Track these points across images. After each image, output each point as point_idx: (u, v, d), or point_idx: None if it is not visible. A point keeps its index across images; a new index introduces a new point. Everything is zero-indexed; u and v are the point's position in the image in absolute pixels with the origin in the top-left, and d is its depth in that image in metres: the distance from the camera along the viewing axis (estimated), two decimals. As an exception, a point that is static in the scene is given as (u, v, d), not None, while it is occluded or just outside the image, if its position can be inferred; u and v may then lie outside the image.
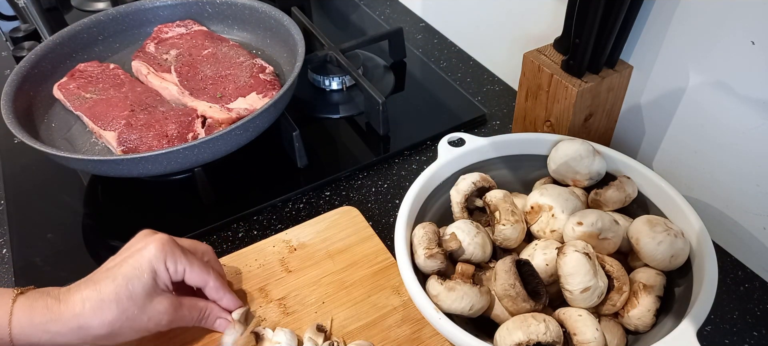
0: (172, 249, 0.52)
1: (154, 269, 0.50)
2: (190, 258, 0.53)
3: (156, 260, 0.50)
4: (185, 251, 0.53)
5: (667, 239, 0.52)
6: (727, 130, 0.61)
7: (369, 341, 0.56)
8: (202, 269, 0.54)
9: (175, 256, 0.52)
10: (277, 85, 0.80)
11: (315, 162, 0.78)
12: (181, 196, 0.75)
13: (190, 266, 0.53)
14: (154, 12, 0.92)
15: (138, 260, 0.50)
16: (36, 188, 0.77)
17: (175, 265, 0.52)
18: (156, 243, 0.51)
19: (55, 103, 0.80)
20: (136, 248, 0.51)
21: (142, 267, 0.50)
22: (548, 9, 0.77)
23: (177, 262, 0.52)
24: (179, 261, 0.52)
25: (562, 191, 0.59)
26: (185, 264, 0.52)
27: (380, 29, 1.05)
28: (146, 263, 0.50)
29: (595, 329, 0.49)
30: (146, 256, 0.50)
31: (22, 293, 0.48)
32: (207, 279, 0.54)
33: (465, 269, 0.53)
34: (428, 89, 0.91)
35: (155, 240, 0.51)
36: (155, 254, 0.50)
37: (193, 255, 0.54)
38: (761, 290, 0.62)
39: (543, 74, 0.68)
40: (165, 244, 0.51)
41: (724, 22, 0.56)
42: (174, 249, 0.52)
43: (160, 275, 0.51)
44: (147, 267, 0.50)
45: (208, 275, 0.54)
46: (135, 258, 0.50)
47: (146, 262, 0.50)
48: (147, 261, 0.50)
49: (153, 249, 0.51)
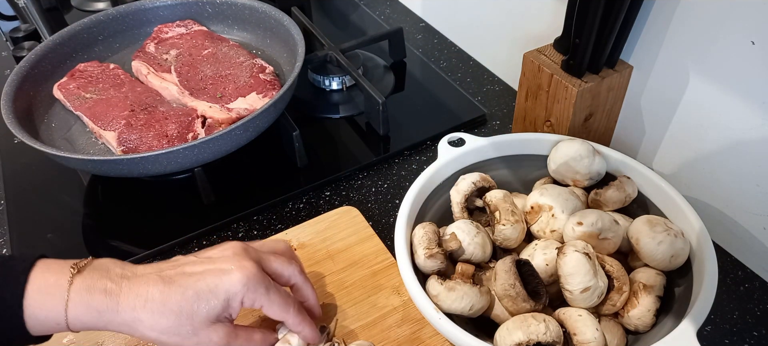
0: (256, 285, 0.48)
1: (229, 299, 0.47)
2: (271, 297, 0.49)
3: (234, 293, 0.47)
4: (269, 287, 0.49)
5: (667, 239, 0.53)
6: (727, 130, 0.61)
7: (369, 341, 0.56)
8: (282, 307, 0.50)
9: (256, 293, 0.48)
10: (277, 85, 0.80)
11: (315, 162, 0.78)
12: (181, 196, 0.75)
13: (269, 305, 0.49)
14: (154, 12, 0.92)
15: (217, 284, 0.46)
16: (36, 188, 0.77)
17: (253, 302, 0.48)
18: (242, 275, 0.47)
19: (55, 103, 0.80)
20: (220, 267, 0.48)
21: (217, 293, 0.46)
22: (548, 9, 0.77)
23: (256, 300, 0.48)
24: (258, 300, 0.48)
25: (562, 190, 0.60)
26: (264, 302, 0.49)
27: (380, 29, 1.05)
28: (223, 291, 0.46)
29: (595, 329, 0.49)
30: (226, 284, 0.47)
31: (79, 272, 0.45)
32: (286, 317, 0.51)
33: (465, 269, 0.53)
34: (428, 89, 0.91)
35: (242, 269, 0.47)
36: (237, 288, 0.47)
37: (276, 292, 0.50)
38: (761, 290, 0.62)
39: (543, 74, 0.68)
40: (250, 279, 0.47)
41: (724, 22, 0.56)
42: (258, 286, 0.48)
43: (232, 306, 0.47)
44: (223, 295, 0.46)
45: (287, 314, 0.50)
46: (215, 278, 0.47)
47: (224, 290, 0.46)
48: (225, 289, 0.46)
49: (237, 279, 0.47)
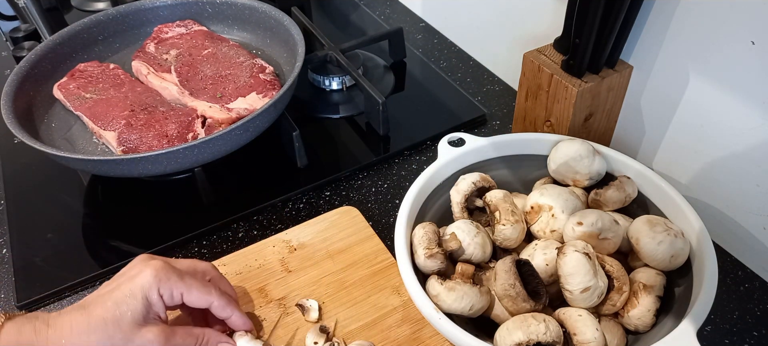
0: (167, 275, 0.50)
1: (146, 297, 0.48)
2: (187, 282, 0.51)
3: (149, 287, 0.48)
4: (183, 274, 0.51)
5: (667, 239, 0.53)
6: (727, 130, 0.61)
7: (369, 341, 0.56)
8: (202, 290, 0.51)
9: (170, 282, 0.50)
10: (277, 85, 0.80)
11: (315, 162, 0.78)
12: (181, 196, 0.75)
13: (188, 290, 0.50)
14: (154, 12, 0.92)
15: (130, 287, 0.48)
16: (36, 188, 0.77)
17: (170, 291, 0.50)
18: (150, 270, 0.49)
19: (55, 103, 0.80)
20: (130, 275, 0.50)
21: (133, 294, 0.48)
22: (548, 9, 0.77)
23: (173, 288, 0.50)
24: (175, 287, 0.50)
25: (562, 191, 0.60)
26: (182, 288, 0.50)
27: (380, 29, 1.05)
28: (138, 290, 0.48)
29: (595, 329, 0.49)
30: (139, 283, 0.48)
31: (10, 318, 0.47)
32: (209, 300, 0.52)
33: (465, 269, 0.53)
34: (428, 89, 0.91)
35: (149, 266, 0.49)
36: (149, 280, 0.49)
37: (192, 277, 0.52)
38: (761, 290, 0.62)
39: (543, 74, 0.68)
40: (159, 270, 0.49)
41: (724, 22, 0.56)
42: (169, 275, 0.50)
43: (152, 303, 0.49)
44: (139, 294, 0.48)
45: (209, 296, 0.52)
46: (127, 285, 0.48)
47: (139, 289, 0.48)
48: (139, 288, 0.48)
49: (147, 276, 0.49)
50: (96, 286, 0.65)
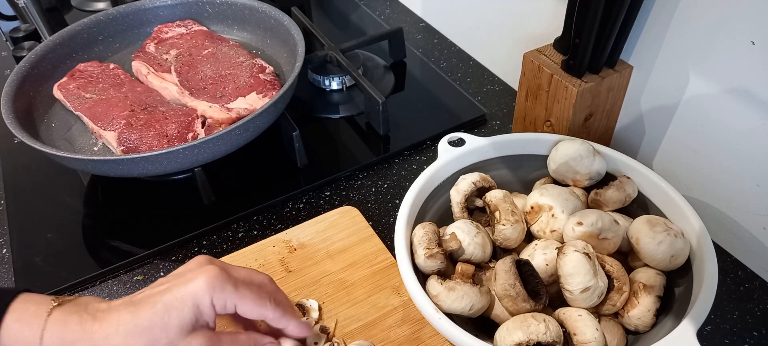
0: (223, 284, 0.48)
1: (197, 304, 0.47)
2: (242, 292, 0.49)
3: (202, 294, 0.47)
4: (238, 284, 0.49)
5: (667, 239, 0.53)
6: (727, 130, 0.61)
7: (369, 341, 0.56)
8: (256, 302, 0.49)
9: (224, 293, 0.48)
10: (277, 85, 0.80)
11: (315, 162, 0.78)
12: (181, 196, 0.75)
13: (241, 301, 0.48)
14: (154, 12, 0.92)
15: (182, 291, 0.46)
16: (36, 188, 0.77)
17: (224, 301, 0.48)
18: (205, 276, 0.47)
19: (55, 103, 0.80)
20: (185, 277, 0.48)
21: (184, 299, 0.46)
22: (548, 9, 0.77)
23: (226, 299, 0.48)
24: (229, 298, 0.48)
25: (562, 191, 0.60)
26: (236, 299, 0.48)
27: (380, 29, 1.05)
28: (190, 296, 0.46)
29: (595, 329, 0.49)
30: (192, 288, 0.47)
31: (60, 305, 0.45)
32: (263, 313, 0.50)
33: (465, 269, 0.53)
34: (428, 89, 0.91)
35: (205, 272, 0.48)
36: (202, 287, 0.47)
37: (247, 288, 0.49)
38: (761, 290, 0.62)
39: (543, 74, 0.68)
40: (214, 279, 0.47)
41: (724, 22, 0.56)
42: (224, 285, 0.48)
43: (203, 311, 0.47)
44: (190, 301, 0.46)
45: (263, 309, 0.50)
46: (180, 289, 0.47)
47: (190, 295, 0.46)
48: (191, 294, 0.46)
49: (201, 283, 0.47)
50: (96, 286, 0.65)
